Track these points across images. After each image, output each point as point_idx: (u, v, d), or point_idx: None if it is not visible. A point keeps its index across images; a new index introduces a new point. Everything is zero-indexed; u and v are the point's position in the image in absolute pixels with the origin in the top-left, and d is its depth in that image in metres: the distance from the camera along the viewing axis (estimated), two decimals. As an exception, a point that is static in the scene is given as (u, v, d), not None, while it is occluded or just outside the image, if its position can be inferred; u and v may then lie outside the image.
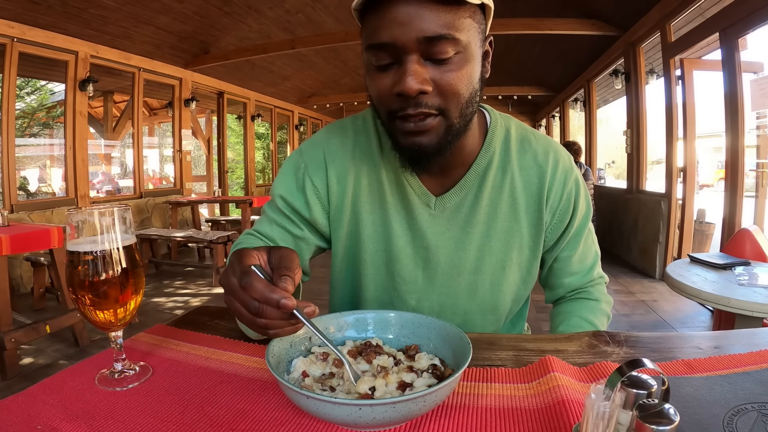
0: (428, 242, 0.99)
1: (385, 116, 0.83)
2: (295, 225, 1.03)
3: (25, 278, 5.28)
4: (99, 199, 7.61)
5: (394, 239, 0.99)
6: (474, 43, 0.78)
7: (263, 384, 0.69)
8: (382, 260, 1.01)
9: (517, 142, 1.00)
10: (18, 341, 3.07)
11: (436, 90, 0.77)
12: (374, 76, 0.80)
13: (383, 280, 1.03)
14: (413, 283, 1.02)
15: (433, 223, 0.98)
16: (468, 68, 0.78)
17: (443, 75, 0.76)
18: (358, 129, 1.03)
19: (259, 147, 13.35)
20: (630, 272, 5.90)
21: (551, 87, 10.76)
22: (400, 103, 0.78)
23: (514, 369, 0.73)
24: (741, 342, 0.80)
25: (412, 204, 0.97)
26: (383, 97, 0.80)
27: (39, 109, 9.81)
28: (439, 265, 1.00)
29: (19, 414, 0.61)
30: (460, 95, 0.78)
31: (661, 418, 0.38)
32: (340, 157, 1.00)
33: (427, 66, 0.76)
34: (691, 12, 4.74)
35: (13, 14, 5.09)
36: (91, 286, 0.71)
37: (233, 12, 6.54)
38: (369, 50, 0.78)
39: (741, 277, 2.55)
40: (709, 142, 19.11)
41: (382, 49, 0.76)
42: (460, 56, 0.76)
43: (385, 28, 0.74)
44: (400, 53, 0.75)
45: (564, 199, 1.00)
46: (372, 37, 0.76)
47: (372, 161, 1.00)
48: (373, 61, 0.78)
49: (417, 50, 0.74)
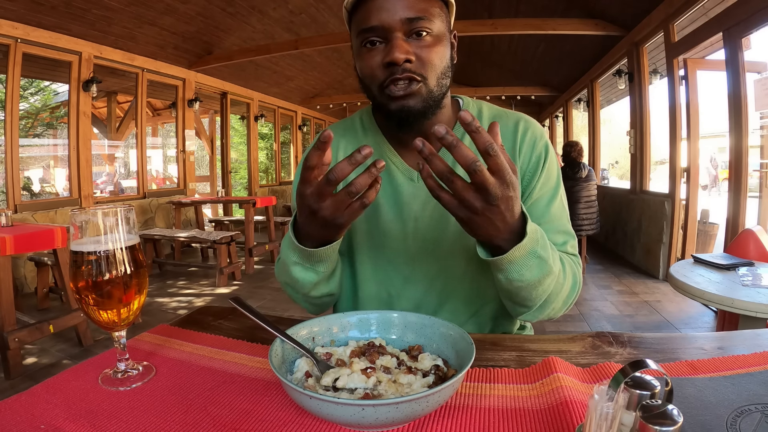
0: (416, 213, 1.07)
1: (376, 88, 0.96)
2: None
3: (29, 278, 5.30)
4: (103, 199, 7.62)
5: (383, 216, 1.08)
6: (443, 28, 0.94)
7: (266, 384, 0.70)
8: (375, 238, 1.09)
9: (489, 117, 1.11)
10: (22, 341, 3.08)
11: (417, 61, 0.91)
12: (364, 56, 0.94)
13: (377, 256, 1.10)
14: (405, 253, 1.08)
15: (417, 195, 1.06)
16: (440, 47, 0.94)
17: (422, 49, 0.91)
18: (346, 126, 1.19)
19: (263, 147, 13.37)
20: (634, 273, 5.89)
21: (555, 87, 10.74)
22: (389, 72, 0.91)
23: (518, 369, 0.73)
24: (745, 343, 0.80)
25: (397, 180, 1.07)
26: (374, 70, 0.93)
27: (43, 110, 9.82)
28: (428, 232, 1.06)
29: (22, 413, 0.62)
30: (436, 66, 0.93)
31: (665, 419, 0.38)
32: (332, 151, 1.08)
33: (410, 42, 0.91)
34: (695, 12, 4.73)
35: (17, 15, 5.11)
36: (95, 286, 0.71)
37: (237, 13, 6.56)
38: (360, 35, 0.93)
39: (745, 277, 2.54)
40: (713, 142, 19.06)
41: (372, 31, 0.91)
42: (433, 36, 0.92)
43: (374, 14, 0.90)
44: (386, 33, 0.90)
45: (533, 160, 1.05)
46: (363, 23, 0.92)
47: (357, 146, 1.05)
48: (363, 43, 0.93)
49: (401, 29, 0.90)
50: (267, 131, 13.59)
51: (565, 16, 6.19)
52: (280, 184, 12.03)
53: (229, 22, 6.82)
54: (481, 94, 11.39)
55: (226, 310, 1.04)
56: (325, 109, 13.67)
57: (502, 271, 0.82)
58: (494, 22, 6.45)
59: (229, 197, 8.55)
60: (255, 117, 10.44)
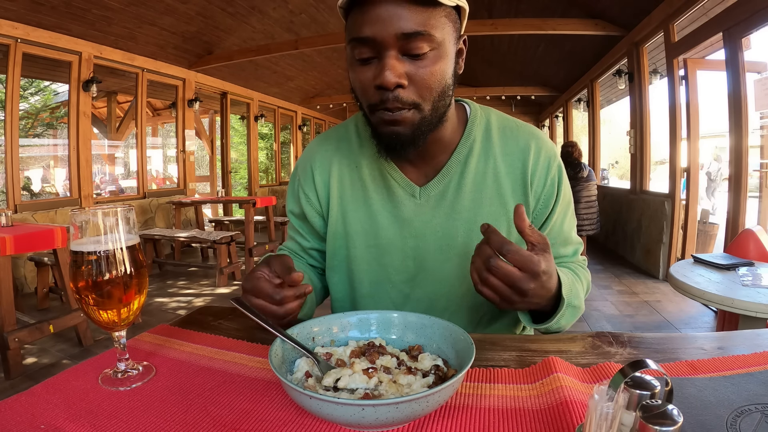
0: (416, 231, 1.02)
1: (367, 108, 0.89)
2: (303, 238, 1.16)
3: (29, 278, 5.30)
4: (102, 199, 7.62)
5: (382, 232, 1.04)
6: (448, 41, 0.84)
7: (266, 384, 0.70)
8: (373, 255, 1.05)
9: (499, 130, 1.04)
10: (22, 341, 3.09)
11: (411, 84, 0.83)
12: (356, 70, 0.86)
13: (376, 273, 1.06)
14: (405, 272, 1.05)
15: (419, 213, 1.02)
16: (441, 64, 0.84)
17: (418, 70, 0.82)
18: (340, 136, 1.11)
19: (263, 147, 13.38)
20: (634, 273, 5.88)
21: (555, 87, 10.74)
22: (379, 95, 0.84)
23: (518, 370, 0.73)
24: (745, 343, 0.80)
25: (397, 196, 1.02)
26: (365, 89, 0.86)
27: (43, 110, 9.82)
28: (428, 253, 1.03)
29: (22, 413, 0.62)
30: (433, 89, 0.85)
31: (665, 419, 0.38)
32: (323, 162, 1.08)
33: (404, 61, 0.82)
34: (695, 12, 4.73)
35: (17, 15, 5.11)
36: (95, 286, 0.71)
37: (237, 13, 6.55)
38: (351, 44, 0.84)
39: (745, 277, 2.54)
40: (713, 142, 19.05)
41: (364, 43, 0.82)
42: (434, 53, 0.82)
43: (367, 24, 0.80)
44: (379, 48, 0.81)
45: (548, 184, 1.02)
46: (354, 32, 0.82)
47: (353, 162, 1.06)
48: (356, 55, 0.84)
49: (395, 46, 0.80)
50: (267, 131, 13.60)
51: (565, 16, 6.19)
52: (280, 184, 12.03)
53: (229, 22, 6.82)
54: (481, 94, 11.41)
55: (226, 310, 1.04)
56: (325, 109, 13.67)
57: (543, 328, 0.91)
58: (494, 22, 6.45)
59: (229, 197, 8.55)
60: (255, 117, 10.44)
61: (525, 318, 0.91)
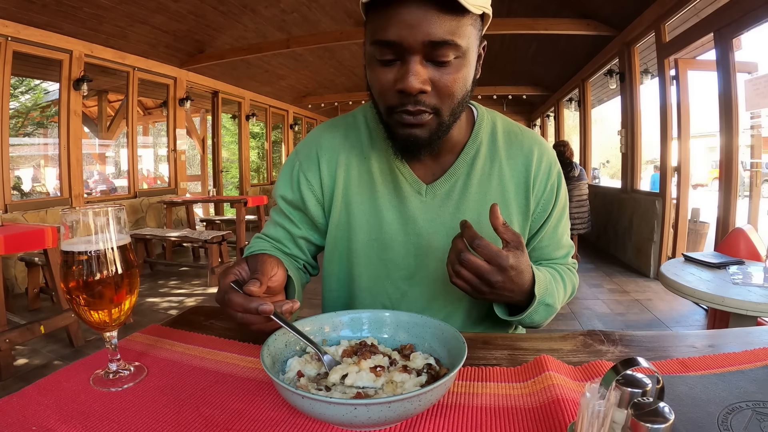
0: (420, 229, 1.02)
1: (384, 109, 0.88)
2: (294, 225, 1.10)
3: (20, 278, 5.26)
4: (93, 198, 7.56)
5: (386, 227, 1.03)
6: (472, 49, 0.84)
7: (258, 384, 0.69)
8: (374, 249, 1.05)
9: (504, 134, 1.06)
10: (12, 342, 3.06)
11: (434, 90, 0.82)
12: (376, 70, 0.84)
13: (375, 268, 1.06)
14: (406, 269, 1.05)
15: (424, 210, 1.02)
16: (464, 71, 0.83)
17: (442, 77, 0.81)
18: (348, 125, 1.09)
19: (254, 146, 13.33)
20: (625, 271, 5.92)
21: (546, 87, 10.78)
22: (400, 99, 0.83)
23: (509, 368, 0.73)
24: (735, 341, 0.81)
25: (404, 192, 1.02)
26: (384, 91, 0.84)
27: (33, 109, 9.73)
28: (431, 251, 1.03)
29: (13, 415, 0.61)
30: (455, 96, 0.84)
31: (656, 416, 0.38)
32: (330, 151, 1.06)
33: (428, 66, 0.81)
34: (686, 12, 4.76)
35: (8, 13, 5.06)
36: (86, 286, 0.70)
37: (229, 11, 6.53)
38: (374, 45, 0.81)
39: (735, 276, 2.56)
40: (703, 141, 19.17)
41: (388, 46, 0.79)
42: (458, 60, 0.81)
43: (393, 27, 0.77)
44: (404, 52, 0.79)
45: (548, 189, 1.05)
46: (379, 33, 0.80)
47: (362, 153, 1.05)
48: (377, 56, 0.82)
49: (421, 52, 0.78)
50: (258, 130, 13.55)
51: (557, 16, 6.21)
52: (271, 183, 12.00)
53: (220, 21, 6.79)
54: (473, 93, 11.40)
55: (217, 309, 1.03)
56: (316, 108, 13.66)
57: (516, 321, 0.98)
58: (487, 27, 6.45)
59: (221, 196, 8.52)
60: (246, 116, 10.42)
61: (500, 310, 0.96)
